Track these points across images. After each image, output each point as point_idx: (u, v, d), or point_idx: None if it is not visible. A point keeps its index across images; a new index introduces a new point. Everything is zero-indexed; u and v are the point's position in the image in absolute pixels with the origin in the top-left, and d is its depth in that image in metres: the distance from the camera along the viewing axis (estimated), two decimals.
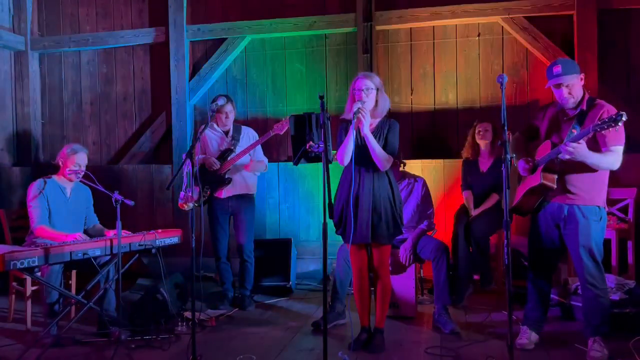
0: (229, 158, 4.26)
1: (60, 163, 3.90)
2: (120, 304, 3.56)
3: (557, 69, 3.05)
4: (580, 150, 2.87)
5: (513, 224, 4.85)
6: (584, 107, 3.06)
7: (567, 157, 2.90)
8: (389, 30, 5.39)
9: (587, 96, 3.10)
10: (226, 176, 4.25)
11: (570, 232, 3.11)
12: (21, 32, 5.98)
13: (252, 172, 4.34)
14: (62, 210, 3.89)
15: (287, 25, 5.45)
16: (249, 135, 4.43)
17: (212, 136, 4.35)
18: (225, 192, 4.29)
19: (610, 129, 2.80)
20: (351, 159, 3.17)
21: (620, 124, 2.71)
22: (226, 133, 4.35)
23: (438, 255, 3.79)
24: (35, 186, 3.84)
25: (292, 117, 3.33)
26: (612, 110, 2.99)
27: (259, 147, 4.40)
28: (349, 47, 5.46)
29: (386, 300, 3.39)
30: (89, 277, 3.71)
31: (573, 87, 3.05)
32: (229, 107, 4.23)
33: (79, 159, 3.90)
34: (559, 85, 3.06)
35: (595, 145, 2.99)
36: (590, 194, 3.07)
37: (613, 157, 2.96)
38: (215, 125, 4.33)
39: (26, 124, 6.03)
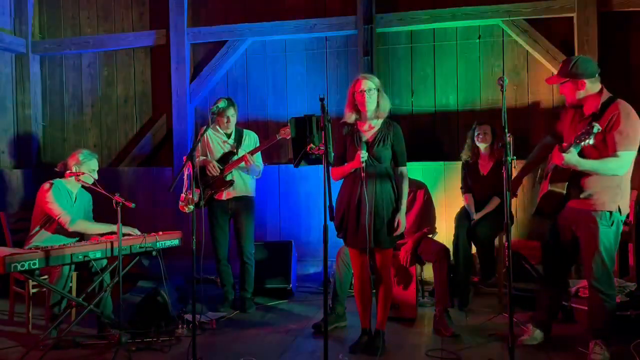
0: (230, 161, 4.27)
1: (71, 168, 3.87)
2: (120, 306, 3.55)
3: (566, 67, 3.04)
4: (567, 159, 2.84)
5: (514, 227, 4.87)
6: (598, 109, 2.97)
7: (561, 165, 2.87)
8: (390, 33, 5.40)
9: (603, 96, 2.99)
10: (227, 178, 4.26)
11: (581, 236, 3.09)
12: (22, 34, 5.99)
13: (248, 170, 4.31)
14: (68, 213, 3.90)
15: (287, 27, 5.46)
16: (250, 138, 4.44)
17: (215, 139, 4.35)
18: (225, 194, 4.29)
19: (615, 133, 2.82)
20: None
21: (591, 136, 2.73)
22: (228, 136, 4.36)
23: (439, 258, 3.79)
24: (50, 185, 3.85)
25: (293, 119, 3.33)
26: (627, 112, 2.89)
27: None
28: (350, 49, 5.47)
29: (388, 303, 3.38)
30: (90, 279, 3.71)
31: (563, 88, 3.05)
32: (231, 111, 4.23)
33: (94, 165, 3.94)
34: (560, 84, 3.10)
35: (605, 149, 2.92)
36: (602, 198, 2.98)
37: (615, 163, 2.88)
38: (218, 128, 4.33)
39: (27, 126, 6.04)
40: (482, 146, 4.50)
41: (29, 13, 6.02)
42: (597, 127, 2.75)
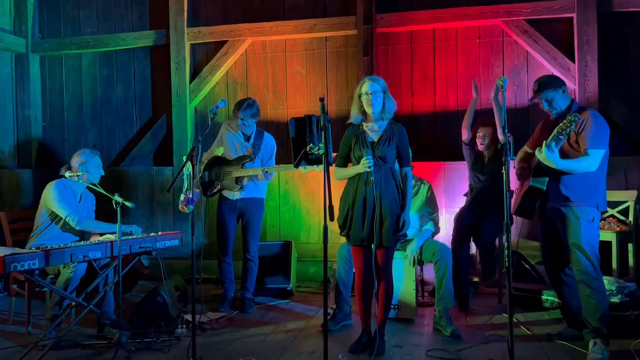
0: (244, 166, 4.26)
1: (77, 168, 3.88)
2: (120, 306, 3.56)
3: (534, 86, 3.28)
4: (546, 155, 2.98)
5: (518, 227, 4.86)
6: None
7: (549, 160, 3.00)
8: (390, 33, 5.40)
9: (574, 105, 3.25)
10: (239, 182, 4.25)
11: (563, 231, 3.21)
12: (22, 34, 5.99)
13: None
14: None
15: (287, 27, 5.46)
16: (267, 145, 4.42)
17: (232, 138, 4.35)
18: (234, 194, 4.30)
19: (585, 134, 3.02)
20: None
21: (572, 125, 2.89)
22: (247, 138, 4.35)
23: (440, 258, 3.79)
24: (58, 184, 3.87)
25: (293, 119, 3.33)
26: (596, 116, 3.14)
27: (274, 157, 4.46)
28: (350, 49, 5.46)
29: (388, 303, 3.39)
30: (89, 279, 3.71)
31: (552, 100, 3.22)
32: (241, 114, 4.20)
33: (99, 161, 4.00)
34: (539, 102, 3.28)
35: (579, 149, 3.13)
36: (581, 195, 3.15)
37: (587, 161, 3.06)
38: (238, 124, 4.31)
39: (27, 126, 6.03)
40: (484, 151, 4.51)
41: (29, 13, 6.02)
42: (576, 115, 2.91)
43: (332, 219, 2.83)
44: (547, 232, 3.39)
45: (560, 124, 2.94)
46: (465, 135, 4.60)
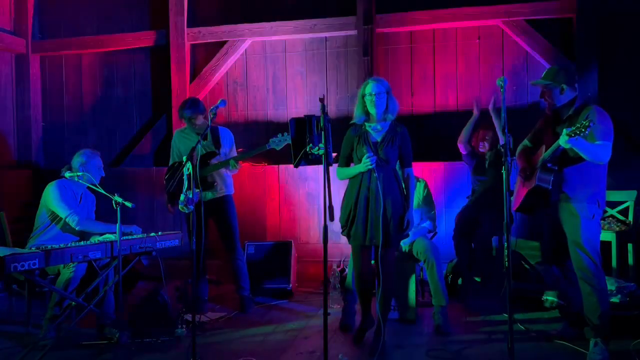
0: (212, 162, 4.19)
1: (77, 169, 3.89)
2: (120, 306, 3.55)
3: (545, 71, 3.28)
4: (572, 143, 2.91)
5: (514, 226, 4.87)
6: (572, 111, 3.20)
7: (569, 144, 2.92)
8: (389, 33, 5.40)
9: (577, 101, 3.22)
10: (209, 180, 4.17)
11: (566, 230, 3.21)
12: (22, 34, 5.99)
13: (229, 169, 4.26)
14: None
15: (287, 28, 5.46)
16: (225, 138, 4.34)
17: (188, 141, 4.27)
18: (206, 195, 4.21)
19: (593, 128, 2.92)
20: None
21: (586, 130, 2.83)
22: (204, 137, 4.29)
23: (426, 256, 3.82)
24: (59, 185, 3.86)
25: (293, 119, 3.33)
26: (600, 111, 3.12)
27: (234, 147, 4.38)
28: (349, 49, 5.47)
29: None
30: (89, 279, 3.71)
31: (548, 93, 3.23)
32: (188, 113, 4.18)
33: (99, 162, 4.00)
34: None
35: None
36: (582, 192, 3.14)
37: (603, 150, 3.03)
38: (189, 129, 4.29)
39: (27, 126, 6.03)
40: (486, 153, 4.52)
41: (29, 13, 6.02)
42: (592, 122, 2.86)
43: (332, 219, 2.83)
44: (551, 226, 3.36)
45: (574, 128, 2.86)
46: (463, 149, 4.62)
